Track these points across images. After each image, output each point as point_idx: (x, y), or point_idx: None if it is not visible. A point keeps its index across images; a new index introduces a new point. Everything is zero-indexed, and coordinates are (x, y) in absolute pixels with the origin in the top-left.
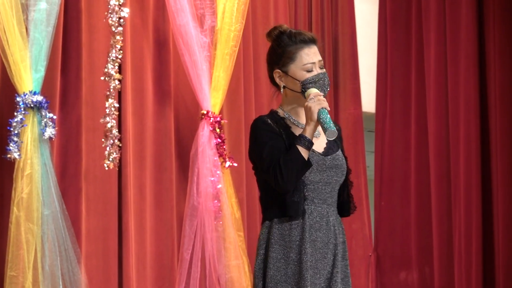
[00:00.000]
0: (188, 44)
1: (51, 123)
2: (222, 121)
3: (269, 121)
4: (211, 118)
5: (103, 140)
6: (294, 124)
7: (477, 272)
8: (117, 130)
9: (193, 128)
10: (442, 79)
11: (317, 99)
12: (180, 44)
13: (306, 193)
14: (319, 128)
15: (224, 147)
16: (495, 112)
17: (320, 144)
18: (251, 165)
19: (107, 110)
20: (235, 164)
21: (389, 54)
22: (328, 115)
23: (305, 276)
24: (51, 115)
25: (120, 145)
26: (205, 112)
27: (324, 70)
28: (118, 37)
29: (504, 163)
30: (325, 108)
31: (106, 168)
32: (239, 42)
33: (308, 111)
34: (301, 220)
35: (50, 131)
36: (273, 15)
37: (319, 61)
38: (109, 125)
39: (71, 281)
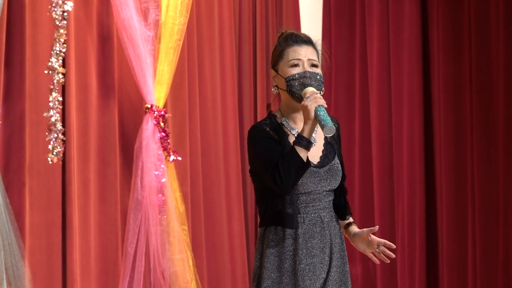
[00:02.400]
0: (132, 38)
1: None
2: (166, 115)
3: (268, 128)
4: (155, 112)
5: (46, 134)
6: (292, 133)
7: (420, 266)
8: (61, 124)
9: (137, 122)
10: (385, 73)
11: (313, 97)
12: (124, 38)
13: (300, 205)
14: (315, 134)
15: (168, 141)
16: (439, 107)
17: (315, 153)
18: (194, 159)
19: (51, 104)
20: (179, 158)
21: (333, 49)
22: (326, 113)
23: (301, 285)
24: None
25: (64, 139)
26: (149, 106)
27: (317, 70)
28: (62, 31)
29: (448, 157)
30: (322, 106)
31: (50, 162)
32: (183, 35)
33: (304, 110)
34: (295, 230)
35: None
36: (217, 9)
37: (310, 59)
38: (53, 119)
39: (15, 275)
